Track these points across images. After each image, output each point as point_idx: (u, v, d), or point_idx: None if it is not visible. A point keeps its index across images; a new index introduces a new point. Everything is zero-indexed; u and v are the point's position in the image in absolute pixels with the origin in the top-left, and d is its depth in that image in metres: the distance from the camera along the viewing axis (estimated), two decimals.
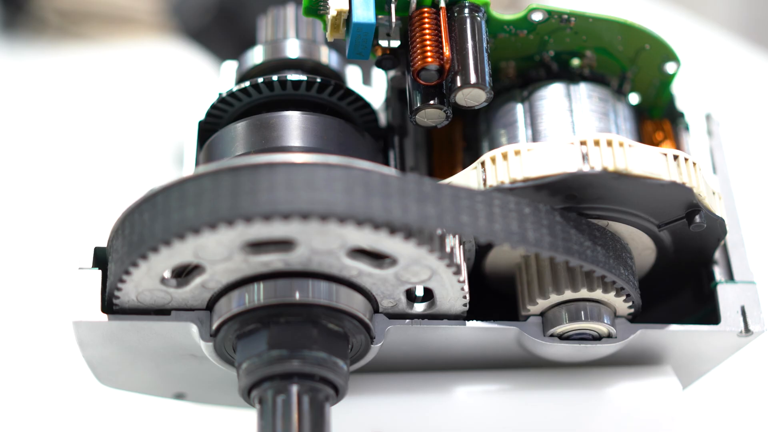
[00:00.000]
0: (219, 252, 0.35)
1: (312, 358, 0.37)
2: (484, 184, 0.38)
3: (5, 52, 0.98)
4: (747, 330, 0.40)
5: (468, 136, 0.43)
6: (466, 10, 0.40)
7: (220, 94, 0.43)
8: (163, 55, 0.96)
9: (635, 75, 0.43)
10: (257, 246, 0.35)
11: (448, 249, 0.36)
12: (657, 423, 0.40)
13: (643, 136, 0.43)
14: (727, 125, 0.46)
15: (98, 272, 0.39)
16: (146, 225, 0.35)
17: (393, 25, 0.39)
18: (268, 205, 0.34)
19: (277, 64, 0.43)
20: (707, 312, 0.42)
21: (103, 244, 0.38)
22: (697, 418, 0.41)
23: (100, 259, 0.39)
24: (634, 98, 0.44)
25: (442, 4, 0.40)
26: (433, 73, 0.39)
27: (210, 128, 0.42)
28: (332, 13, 0.39)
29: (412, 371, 0.42)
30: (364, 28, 0.39)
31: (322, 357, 0.37)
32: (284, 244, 0.35)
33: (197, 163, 0.42)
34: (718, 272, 0.42)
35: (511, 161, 0.38)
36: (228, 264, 0.36)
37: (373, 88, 0.45)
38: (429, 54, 0.38)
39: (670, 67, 0.43)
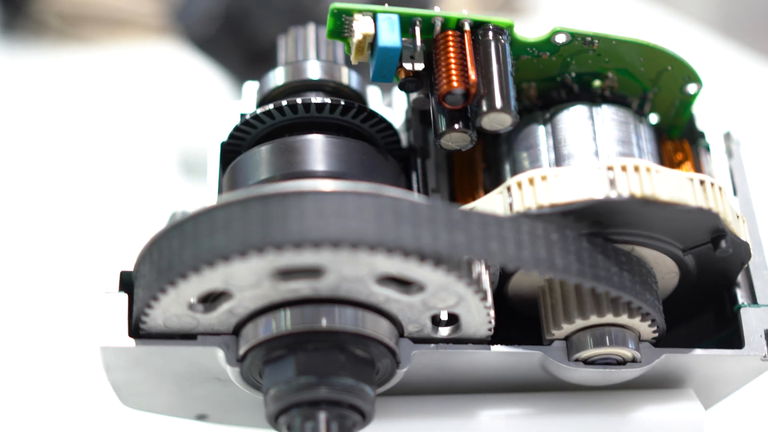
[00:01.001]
0: (248, 279, 0.35)
1: (340, 385, 0.37)
2: (510, 209, 0.38)
3: (5, 55, 0.98)
4: None
5: (488, 157, 0.43)
6: (491, 33, 0.39)
7: (242, 116, 0.43)
8: (165, 59, 0.96)
9: (656, 95, 0.43)
10: (286, 273, 0.35)
11: (475, 275, 0.37)
12: None
13: (664, 156, 0.44)
14: (744, 142, 0.46)
15: (125, 296, 0.38)
16: (175, 252, 0.35)
17: (418, 49, 0.39)
18: (298, 233, 0.34)
19: (299, 86, 0.43)
20: (729, 334, 0.42)
21: (119, 264, 0.39)
22: None
23: (126, 283, 0.39)
24: (653, 118, 0.44)
25: (467, 27, 0.39)
26: (458, 97, 0.38)
27: (232, 149, 0.42)
28: (358, 36, 0.39)
29: (436, 394, 0.41)
30: (390, 52, 0.39)
31: (349, 383, 0.37)
32: (313, 272, 0.35)
33: (220, 186, 0.42)
34: (741, 295, 0.42)
35: (537, 186, 0.38)
36: (256, 291, 0.36)
37: (393, 109, 0.45)
38: (454, 78, 0.38)
39: (691, 88, 0.43)
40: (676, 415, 0.41)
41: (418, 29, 0.39)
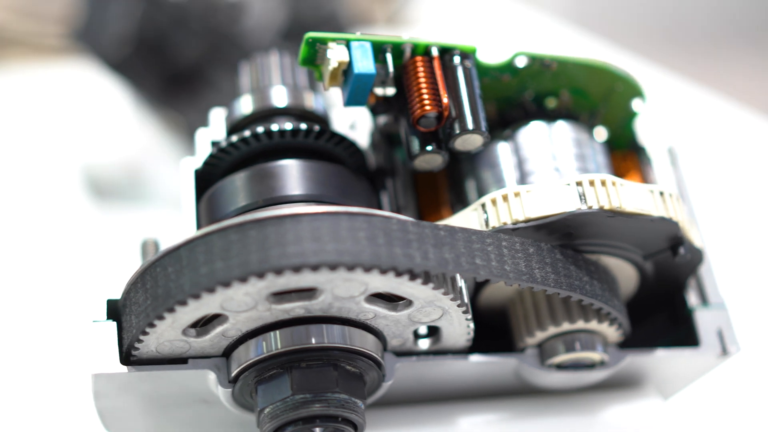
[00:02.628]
0: (245, 302, 0.36)
1: (334, 400, 0.38)
2: (486, 224, 0.40)
3: None
4: (725, 351, 0.43)
5: (451, 174, 0.45)
6: (458, 58, 0.41)
7: (214, 143, 0.44)
8: (72, 80, 0.95)
9: (605, 111, 0.45)
10: (281, 295, 0.37)
11: (457, 289, 0.38)
12: None
13: (614, 168, 0.46)
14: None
15: (113, 324, 0.39)
16: (171, 279, 0.36)
17: (390, 74, 0.41)
18: (297, 257, 0.35)
19: (268, 112, 0.44)
20: (682, 333, 0.45)
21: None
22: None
23: (113, 310, 0.39)
24: (602, 132, 0.46)
25: (435, 53, 0.41)
26: (432, 120, 0.40)
27: (206, 176, 0.43)
28: (333, 64, 0.40)
29: (413, 404, 0.43)
30: (364, 78, 0.40)
31: (343, 398, 0.38)
32: (308, 292, 0.37)
33: (198, 212, 0.43)
34: (691, 297, 0.45)
35: (512, 202, 0.40)
36: (251, 313, 0.37)
37: (356, 130, 0.46)
38: (427, 102, 0.40)
39: (636, 105, 0.45)
40: (639, 411, 0.44)
41: (389, 56, 0.41)
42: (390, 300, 0.38)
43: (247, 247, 0.35)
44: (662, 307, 0.46)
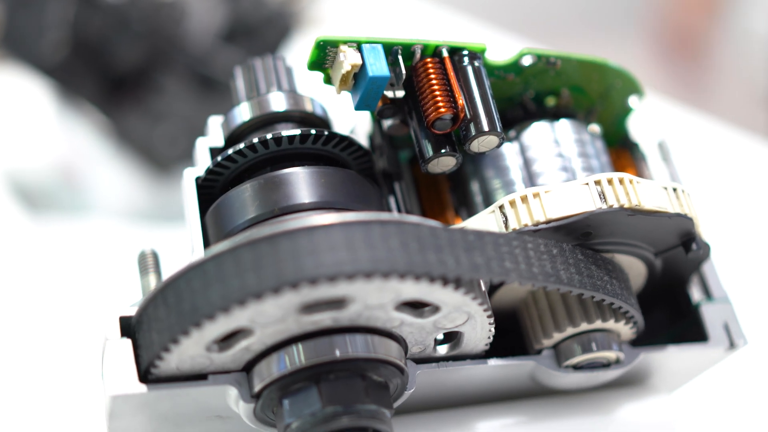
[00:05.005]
0: (275, 315, 0.35)
1: (365, 412, 0.37)
2: (506, 227, 0.39)
3: None
4: (732, 345, 0.44)
5: (452, 176, 0.45)
6: (467, 59, 0.41)
7: (213, 150, 0.43)
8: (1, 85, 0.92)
9: (603, 108, 0.45)
10: (311, 306, 0.36)
11: (482, 293, 0.38)
12: None
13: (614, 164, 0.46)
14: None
15: (128, 342, 0.38)
16: (198, 293, 0.35)
17: (403, 77, 0.40)
18: (332, 266, 0.34)
19: (268, 118, 0.43)
20: (684, 328, 0.45)
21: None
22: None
23: (126, 328, 0.38)
24: (596, 129, 0.46)
25: (445, 54, 0.41)
26: (447, 123, 0.40)
27: (208, 184, 0.42)
28: (346, 68, 0.39)
29: (428, 410, 0.43)
30: (378, 81, 0.39)
31: (373, 409, 0.37)
32: (337, 303, 0.36)
33: (203, 223, 0.42)
34: (694, 291, 0.45)
35: (531, 204, 0.39)
36: (279, 326, 0.36)
37: (355, 134, 0.45)
38: (441, 104, 0.40)
39: (632, 101, 0.45)
40: (651, 408, 0.44)
41: (400, 57, 0.40)
42: (415, 307, 0.38)
43: (280, 258, 0.34)
44: (662, 302, 0.46)
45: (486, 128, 0.39)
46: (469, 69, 0.41)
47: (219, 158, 0.41)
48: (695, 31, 1.41)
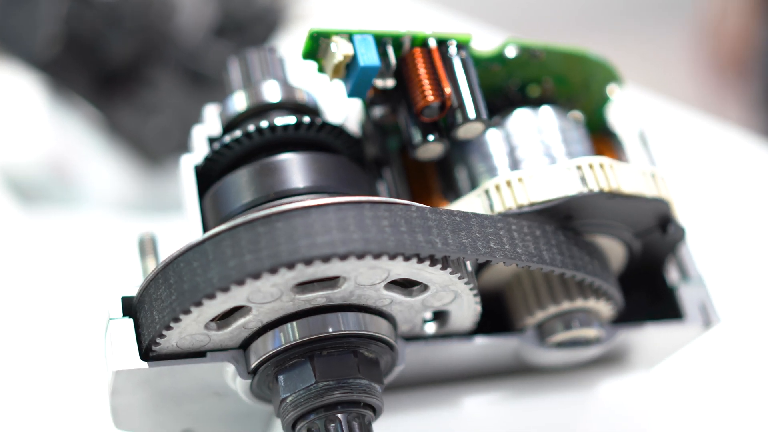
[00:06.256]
0: (271, 294, 0.37)
1: (356, 386, 0.39)
2: (491, 210, 0.41)
3: None
4: (707, 323, 0.45)
5: (439, 162, 0.46)
6: (454, 49, 0.43)
7: (212, 139, 0.44)
8: None
9: (583, 97, 0.47)
10: (305, 284, 0.37)
11: (468, 272, 0.40)
12: (641, 415, 0.45)
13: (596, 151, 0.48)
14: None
15: (130, 321, 0.39)
16: (198, 273, 0.36)
17: (392, 66, 0.42)
18: (326, 247, 0.35)
19: (263, 107, 0.44)
20: (662, 308, 0.47)
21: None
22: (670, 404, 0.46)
23: (128, 307, 0.39)
24: (579, 116, 0.48)
25: (433, 45, 0.42)
26: (435, 110, 0.41)
27: (206, 171, 0.43)
28: (339, 58, 0.41)
29: (417, 386, 0.44)
30: (369, 71, 0.41)
31: (365, 383, 0.39)
32: (330, 281, 0.37)
33: (203, 209, 0.43)
34: (672, 273, 0.47)
35: (515, 188, 0.41)
36: (275, 304, 0.38)
37: (348, 121, 0.47)
38: (429, 92, 0.41)
39: (610, 90, 0.47)
40: (631, 384, 0.46)
41: (390, 48, 0.42)
42: (404, 286, 0.39)
43: (276, 238, 0.36)
44: (642, 284, 0.48)
45: (472, 116, 0.41)
46: (456, 59, 0.42)
47: (217, 145, 0.43)
48: None
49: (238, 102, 0.44)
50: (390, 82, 0.43)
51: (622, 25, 1.71)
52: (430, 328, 0.42)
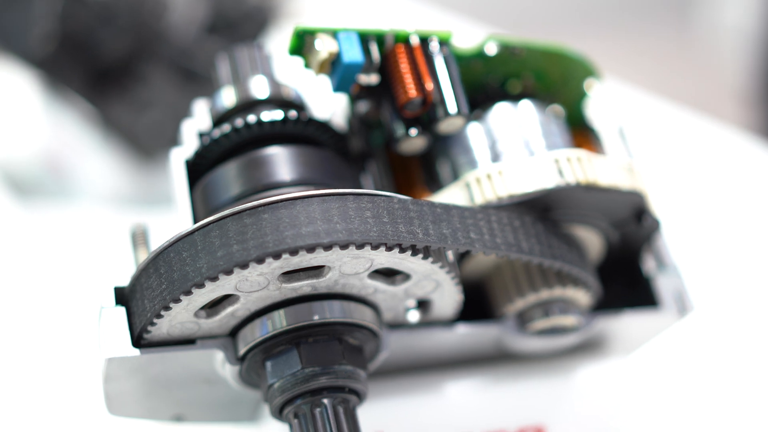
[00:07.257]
0: (258, 282, 0.38)
1: (342, 372, 0.40)
2: (472, 202, 0.42)
3: None
4: (682, 311, 0.47)
5: (422, 156, 0.47)
6: (435, 45, 0.44)
7: (202, 134, 0.46)
8: None
9: (563, 92, 0.48)
10: (290, 274, 0.39)
11: (450, 262, 0.41)
12: (619, 400, 0.47)
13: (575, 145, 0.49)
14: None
15: (122, 309, 0.41)
16: (187, 263, 0.38)
17: (375, 63, 0.43)
18: (311, 237, 0.37)
19: (251, 103, 0.46)
20: (639, 296, 0.48)
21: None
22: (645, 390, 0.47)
23: (120, 297, 0.41)
24: (559, 110, 0.49)
25: (415, 42, 0.44)
26: (417, 105, 0.43)
27: (196, 164, 0.45)
28: (324, 55, 0.42)
29: (400, 372, 0.46)
30: (353, 67, 0.42)
31: (349, 369, 0.40)
32: (315, 270, 0.39)
33: (193, 201, 0.44)
34: (647, 261, 0.48)
35: (495, 181, 0.42)
36: (262, 293, 0.39)
37: (335, 116, 0.48)
38: (412, 87, 0.43)
39: (587, 86, 0.49)
40: (608, 370, 0.47)
41: (374, 45, 0.43)
42: (388, 275, 0.41)
43: (262, 229, 0.37)
44: (619, 274, 0.49)
45: (453, 111, 0.43)
46: (438, 55, 0.44)
47: (207, 139, 0.44)
48: None
49: (227, 97, 0.46)
50: (374, 78, 0.44)
51: (618, 20, 1.72)
52: (414, 316, 0.44)
